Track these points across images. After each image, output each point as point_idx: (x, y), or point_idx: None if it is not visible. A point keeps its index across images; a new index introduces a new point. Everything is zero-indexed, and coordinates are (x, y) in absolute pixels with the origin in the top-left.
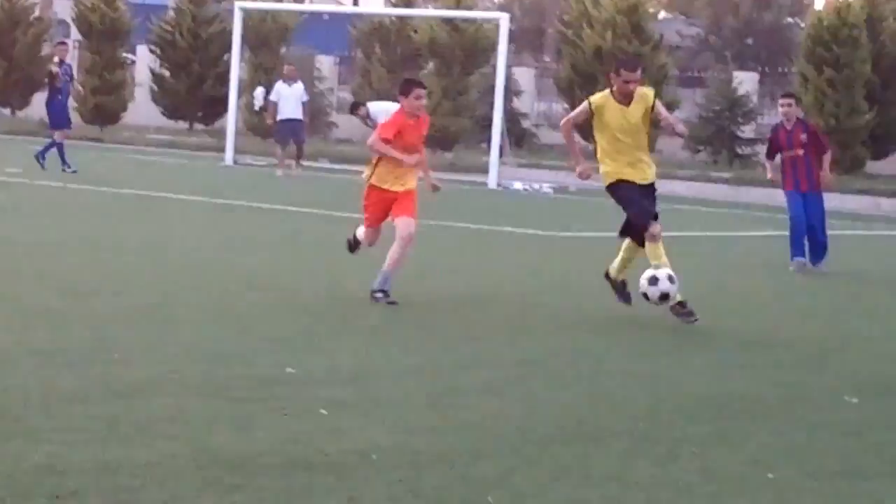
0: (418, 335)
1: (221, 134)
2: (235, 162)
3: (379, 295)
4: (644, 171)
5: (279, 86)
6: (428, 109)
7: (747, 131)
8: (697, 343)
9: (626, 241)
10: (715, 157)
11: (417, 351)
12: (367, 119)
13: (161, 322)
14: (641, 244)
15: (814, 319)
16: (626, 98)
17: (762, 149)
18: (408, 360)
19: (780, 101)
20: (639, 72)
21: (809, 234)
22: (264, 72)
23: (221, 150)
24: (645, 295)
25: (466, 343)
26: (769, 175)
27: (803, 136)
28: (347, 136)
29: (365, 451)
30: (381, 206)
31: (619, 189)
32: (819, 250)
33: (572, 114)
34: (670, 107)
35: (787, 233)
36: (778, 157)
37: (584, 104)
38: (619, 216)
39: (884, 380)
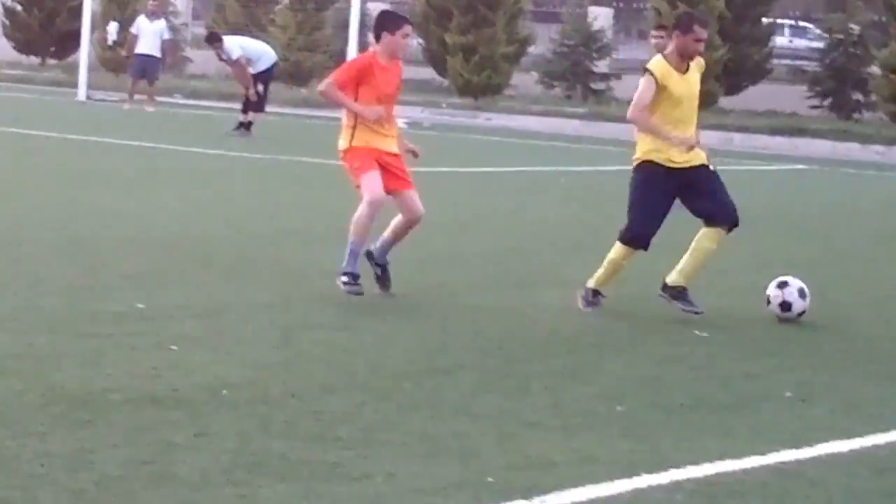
0: (271, 271)
1: (75, 69)
2: (89, 97)
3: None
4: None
5: (140, 20)
6: (282, 44)
7: (602, 66)
8: (549, 279)
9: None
10: (569, 92)
11: (270, 287)
12: (222, 53)
13: (10, 258)
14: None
15: (663, 254)
16: (685, 61)
17: (616, 84)
18: (260, 296)
19: (653, 32)
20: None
21: None
22: (118, 6)
23: (75, 85)
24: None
25: (318, 279)
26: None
27: None
28: (202, 71)
29: (215, 387)
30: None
31: (642, 175)
32: None
33: (641, 100)
34: (526, 42)
35: None
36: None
37: (648, 80)
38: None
39: (733, 313)
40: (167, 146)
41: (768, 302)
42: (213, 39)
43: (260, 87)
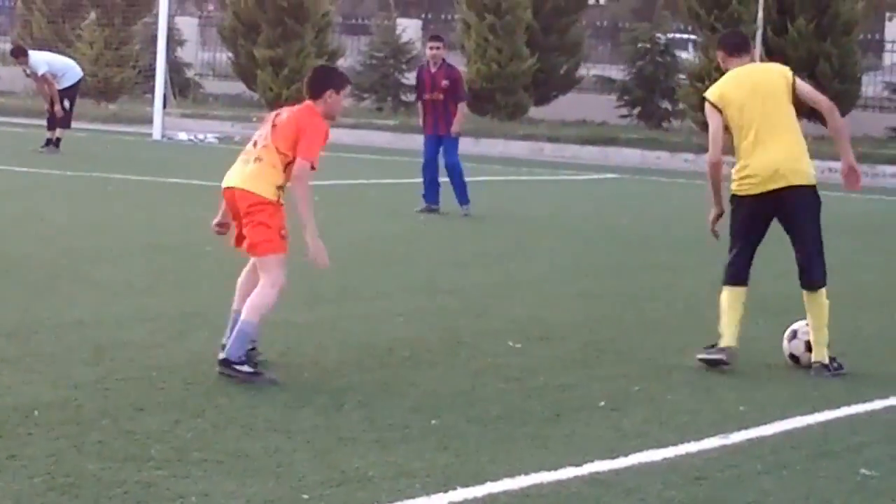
0: (81, 288)
1: None
2: None
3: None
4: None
5: None
6: (90, 60)
7: (411, 78)
8: (360, 291)
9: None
10: (379, 104)
11: (80, 304)
12: (27, 68)
13: None
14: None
15: (476, 265)
16: None
17: None
18: (71, 313)
19: (429, 43)
20: None
21: (450, 178)
22: None
23: None
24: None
25: (130, 296)
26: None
27: (445, 82)
28: (8, 87)
29: (27, 407)
30: None
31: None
32: (460, 191)
33: (715, 134)
34: (335, 55)
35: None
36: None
37: (709, 107)
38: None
39: (545, 324)
40: None
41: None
42: (19, 53)
43: (66, 103)
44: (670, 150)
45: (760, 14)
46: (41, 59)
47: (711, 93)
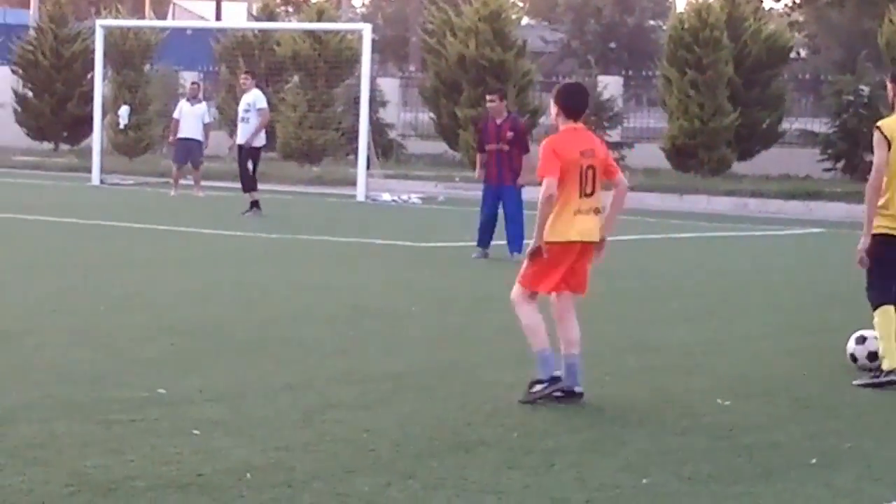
0: (290, 352)
1: (88, 154)
2: (102, 182)
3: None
4: None
5: (182, 103)
6: (293, 122)
7: (613, 135)
8: None
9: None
10: None
11: (289, 367)
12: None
13: (30, 347)
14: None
15: (683, 322)
16: None
17: (628, 152)
18: (280, 377)
19: (487, 97)
20: None
21: (509, 225)
22: (128, 90)
23: (88, 170)
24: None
25: (338, 358)
26: (476, 174)
27: (510, 133)
28: (215, 152)
29: (239, 471)
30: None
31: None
32: (516, 239)
33: (878, 161)
34: (536, 112)
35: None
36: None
37: (879, 137)
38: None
39: (753, 381)
40: (181, 228)
41: (854, 359)
42: (251, 76)
43: (251, 165)
44: None
45: None
46: (261, 96)
47: (885, 123)
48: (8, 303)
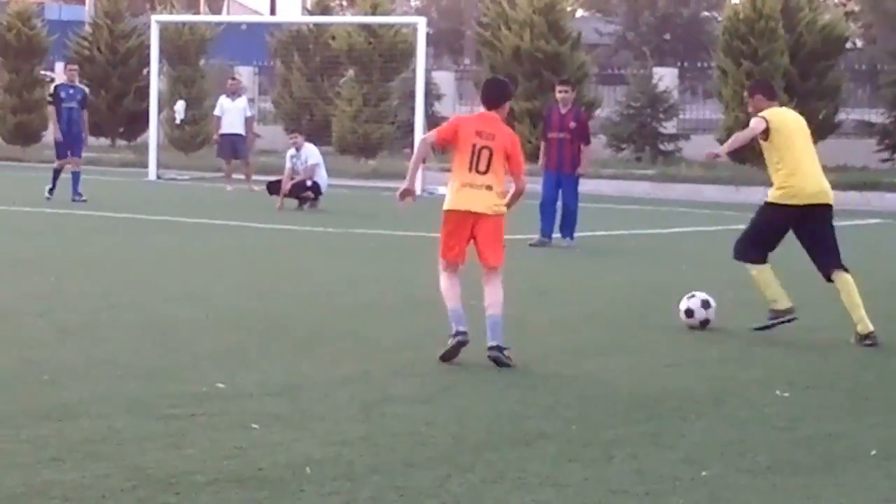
0: (348, 345)
1: (144, 149)
2: (159, 177)
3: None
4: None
5: (222, 100)
6: (349, 117)
7: (669, 127)
8: (625, 344)
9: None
10: (638, 154)
11: (348, 361)
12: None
13: (89, 341)
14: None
15: (740, 313)
16: None
17: (685, 144)
18: (338, 370)
19: (558, 87)
20: None
21: (565, 213)
22: (184, 85)
23: (145, 165)
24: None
25: (397, 351)
26: (540, 162)
27: (573, 123)
28: (271, 146)
29: (298, 465)
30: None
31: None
32: (570, 226)
33: None
34: (592, 105)
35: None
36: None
37: None
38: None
39: (812, 372)
40: (238, 223)
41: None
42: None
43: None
44: None
45: None
46: (316, 152)
47: None
48: (66, 298)
